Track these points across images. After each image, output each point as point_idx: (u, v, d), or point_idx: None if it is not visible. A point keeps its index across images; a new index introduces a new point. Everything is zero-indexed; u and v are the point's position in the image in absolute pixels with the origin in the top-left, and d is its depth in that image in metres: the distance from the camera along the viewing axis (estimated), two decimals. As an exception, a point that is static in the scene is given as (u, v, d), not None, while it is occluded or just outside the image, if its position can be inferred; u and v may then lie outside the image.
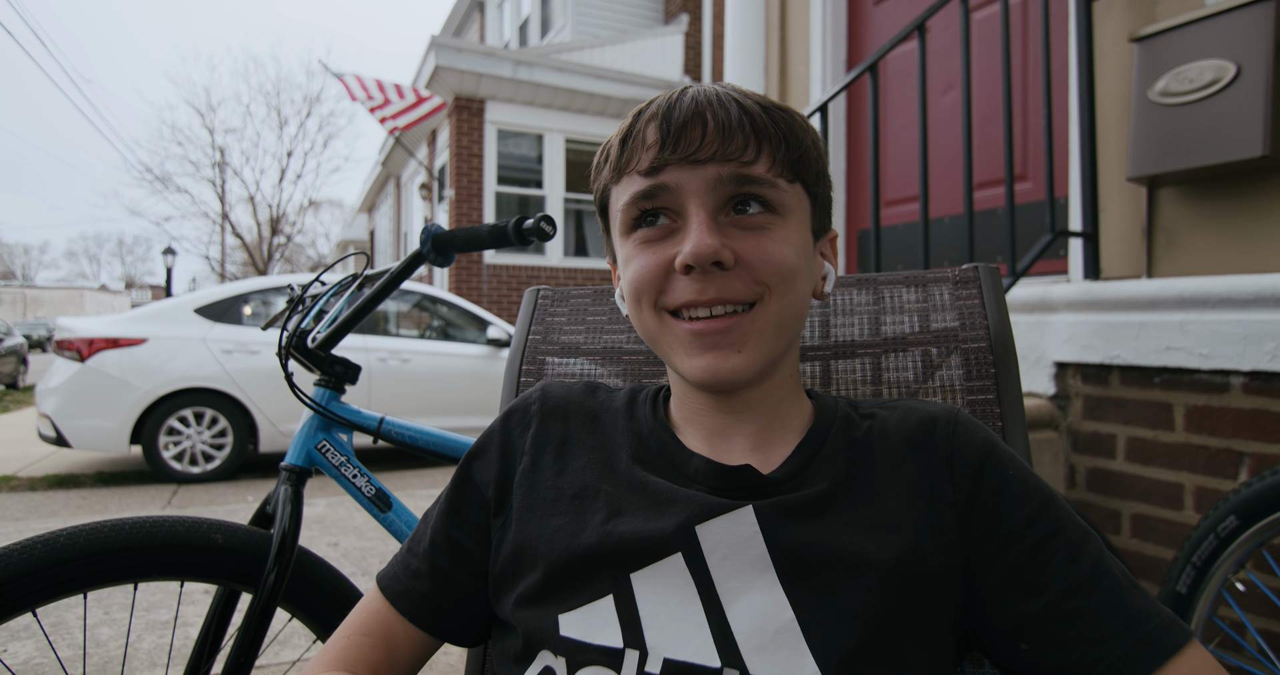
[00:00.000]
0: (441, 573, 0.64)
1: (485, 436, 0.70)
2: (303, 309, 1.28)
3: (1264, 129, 1.71)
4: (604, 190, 0.65)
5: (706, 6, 8.50)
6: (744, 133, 0.57)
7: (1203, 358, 1.69)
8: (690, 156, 0.57)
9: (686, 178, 0.57)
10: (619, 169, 0.61)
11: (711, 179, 0.57)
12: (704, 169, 0.57)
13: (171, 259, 21.65)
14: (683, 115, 0.57)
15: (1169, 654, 0.50)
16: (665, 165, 0.58)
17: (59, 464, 5.22)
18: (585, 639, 0.55)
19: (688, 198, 0.58)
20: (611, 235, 0.66)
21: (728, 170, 0.57)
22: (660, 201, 0.59)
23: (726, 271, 0.57)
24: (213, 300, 4.82)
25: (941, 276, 0.89)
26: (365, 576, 2.79)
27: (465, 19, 14.82)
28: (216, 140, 23.18)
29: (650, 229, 0.60)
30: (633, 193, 0.59)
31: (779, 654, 0.52)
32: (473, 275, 8.25)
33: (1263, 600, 1.53)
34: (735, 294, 0.57)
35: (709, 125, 0.57)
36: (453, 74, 7.96)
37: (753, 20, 3.91)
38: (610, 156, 0.63)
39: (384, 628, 0.64)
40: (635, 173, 0.59)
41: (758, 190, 0.58)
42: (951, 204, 2.97)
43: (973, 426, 0.61)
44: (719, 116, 0.57)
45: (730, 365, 0.57)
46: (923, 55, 2.13)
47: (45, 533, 0.96)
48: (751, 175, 0.57)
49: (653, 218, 0.60)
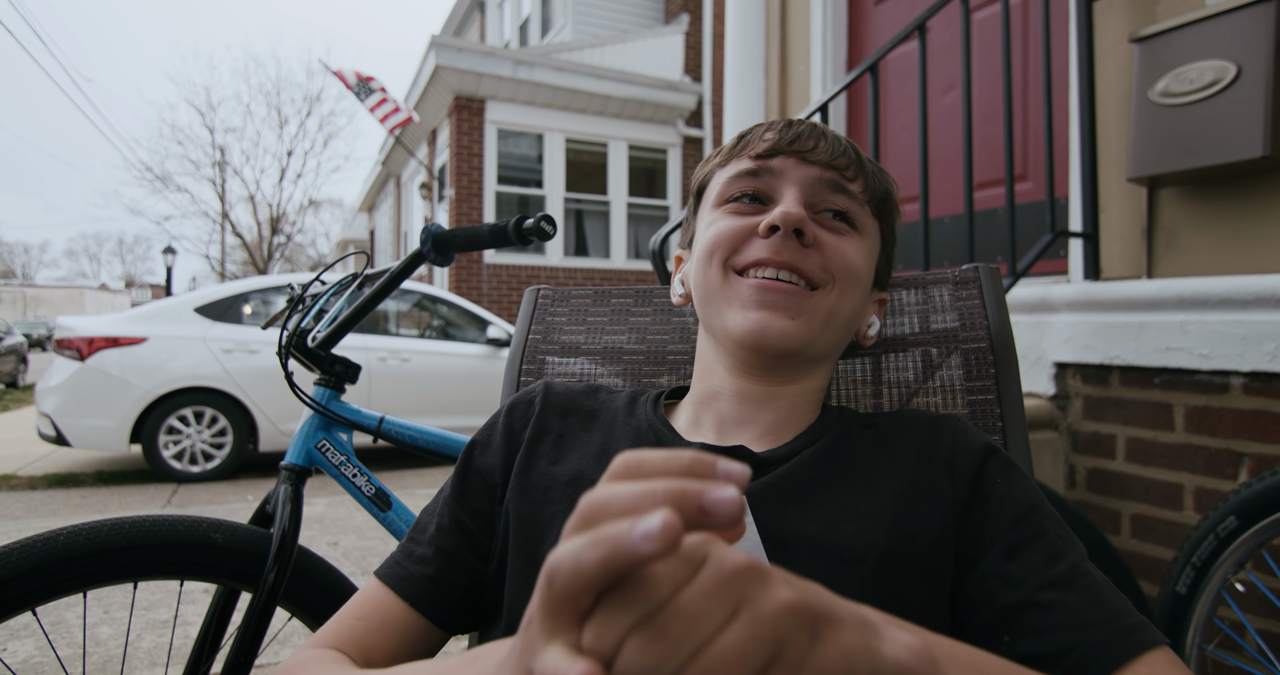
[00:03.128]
0: (448, 555, 0.64)
1: (488, 426, 0.70)
2: (303, 308, 1.28)
3: (1264, 129, 1.71)
4: (707, 174, 0.70)
5: (707, 6, 8.50)
6: (848, 158, 0.64)
7: (1203, 358, 1.69)
8: (802, 153, 0.63)
9: (792, 167, 0.63)
10: (731, 153, 0.67)
11: (815, 176, 0.63)
12: (811, 167, 0.63)
13: (171, 258, 21.64)
14: (800, 127, 0.65)
15: (1147, 647, 0.49)
16: (777, 153, 0.64)
17: (59, 463, 5.22)
18: None
19: (786, 183, 0.63)
20: (697, 213, 0.71)
21: (830, 175, 0.63)
22: (761, 182, 0.64)
23: (804, 248, 0.61)
24: (213, 299, 4.82)
25: (942, 277, 0.89)
26: (365, 576, 2.79)
27: (465, 18, 14.81)
28: (217, 139, 23.17)
29: (742, 203, 0.65)
30: (739, 169, 0.65)
31: None
32: (473, 275, 8.25)
33: (1262, 601, 1.53)
34: (807, 267, 0.61)
35: (823, 140, 0.64)
36: (453, 73, 7.96)
37: (753, 20, 3.91)
38: (723, 149, 0.69)
39: (380, 613, 0.62)
40: (746, 156, 0.65)
41: (848, 203, 0.64)
42: (952, 204, 2.97)
43: (974, 432, 0.63)
44: (831, 138, 0.65)
45: (780, 326, 0.60)
46: (923, 55, 2.13)
47: (45, 532, 0.96)
48: (848, 188, 0.64)
49: (748, 199, 0.65)
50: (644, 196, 9.19)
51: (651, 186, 9.32)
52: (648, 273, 9.03)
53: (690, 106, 8.96)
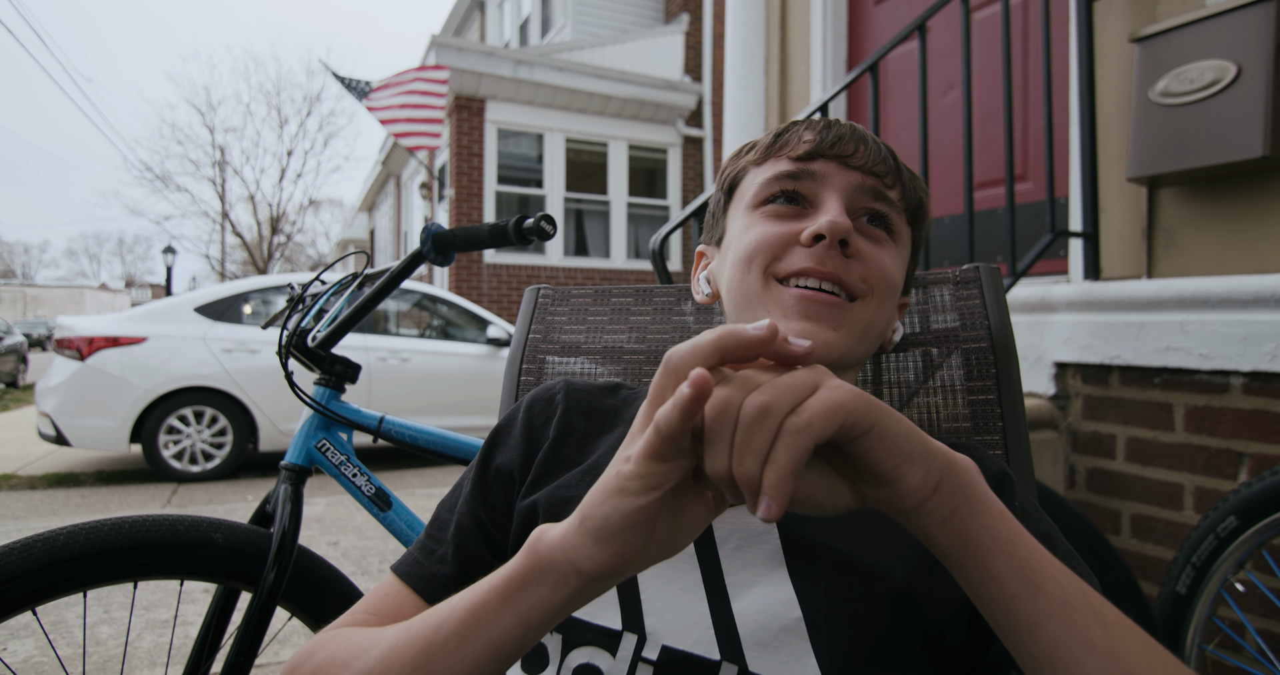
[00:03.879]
0: (468, 555, 0.63)
1: (506, 422, 0.70)
2: (303, 308, 1.28)
3: (1264, 129, 1.71)
4: (740, 170, 0.68)
5: (707, 6, 8.49)
6: (888, 165, 0.64)
7: (1203, 358, 1.69)
8: (844, 157, 0.62)
9: (834, 172, 0.62)
10: (768, 152, 0.66)
11: (856, 183, 0.62)
12: (852, 172, 0.62)
13: (171, 258, 21.63)
14: (840, 129, 0.64)
15: None
16: (819, 156, 0.63)
17: (59, 462, 5.22)
18: (583, 617, 0.55)
19: (828, 189, 0.62)
20: (728, 211, 0.69)
21: (871, 182, 0.62)
22: (801, 185, 0.63)
23: (847, 259, 0.60)
24: (213, 299, 4.82)
25: (942, 277, 0.89)
26: (365, 575, 2.79)
27: (466, 18, 14.81)
28: (217, 139, 23.17)
29: (781, 206, 0.63)
30: (779, 171, 0.64)
31: (781, 653, 0.51)
32: (473, 274, 8.25)
33: (1262, 600, 1.53)
34: (850, 279, 0.60)
35: (862, 145, 0.63)
36: (453, 73, 7.96)
37: (753, 20, 3.91)
38: (759, 145, 0.67)
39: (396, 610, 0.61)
40: (786, 157, 0.64)
41: (888, 210, 0.63)
42: (952, 204, 2.97)
43: (989, 459, 0.63)
44: (870, 142, 0.64)
45: (824, 337, 0.59)
46: (923, 55, 2.13)
47: (45, 531, 0.96)
48: (888, 195, 0.63)
49: (785, 200, 0.63)
50: (644, 196, 9.19)
51: (651, 186, 9.32)
52: (648, 272, 9.03)
53: (690, 106, 8.96)
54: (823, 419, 0.35)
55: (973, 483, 0.41)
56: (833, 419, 0.36)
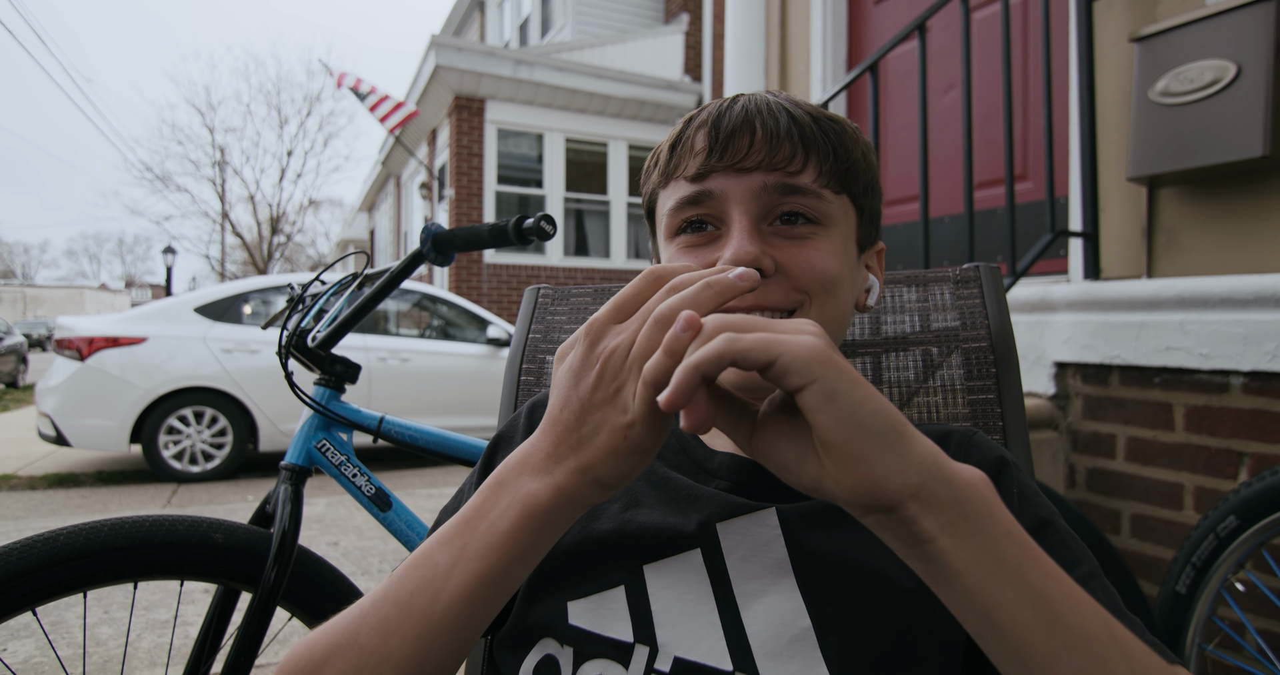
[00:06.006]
0: None
1: (508, 429, 0.70)
2: (303, 308, 1.28)
3: (1264, 129, 1.71)
4: (652, 194, 0.66)
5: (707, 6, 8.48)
6: (791, 142, 0.58)
7: (1203, 358, 1.69)
8: (737, 164, 0.58)
9: (731, 185, 0.58)
10: (667, 174, 0.63)
11: (756, 187, 0.58)
12: (749, 177, 0.58)
13: (171, 258, 21.64)
14: (732, 123, 0.58)
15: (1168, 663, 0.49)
16: (712, 172, 0.58)
17: (59, 463, 5.22)
18: (595, 630, 0.55)
19: (731, 205, 0.58)
20: (657, 238, 0.67)
21: (773, 179, 0.58)
22: (705, 208, 0.60)
23: (766, 279, 0.57)
24: (213, 299, 4.82)
25: (942, 276, 0.89)
26: (365, 575, 2.79)
27: (465, 18, 14.81)
28: (217, 139, 23.19)
29: (694, 235, 0.61)
30: (679, 198, 0.60)
31: (792, 662, 0.51)
32: (473, 274, 8.25)
33: (1262, 600, 1.53)
34: (773, 301, 0.57)
35: (757, 134, 0.58)
36: (453, 73, 7.96)
37: (753, 20, 3.91)
38: (660, 161, 0.64)
39: None
40: (682, 178, 0.60)
41: (802, 200, 0.58)
42: (952, 204, 2.97)
43: (987, 445, 0.61)
44: (768, 125, 0.58)
45: None
46: (923, 55, 2.13)
47: (45, 532, 0.96)
48: (796, 185, 0.58)
49: (698, 225, 0.60)
50: (644, 196, 9.19)
51: (651, 186, 9.31)
52: (648, 272, 9.01)
53: (690, 106, 8.96)
54: (758, 347, 0.36)
55: (973, 500, 0.38)
56: (767, 352, 0.36)
